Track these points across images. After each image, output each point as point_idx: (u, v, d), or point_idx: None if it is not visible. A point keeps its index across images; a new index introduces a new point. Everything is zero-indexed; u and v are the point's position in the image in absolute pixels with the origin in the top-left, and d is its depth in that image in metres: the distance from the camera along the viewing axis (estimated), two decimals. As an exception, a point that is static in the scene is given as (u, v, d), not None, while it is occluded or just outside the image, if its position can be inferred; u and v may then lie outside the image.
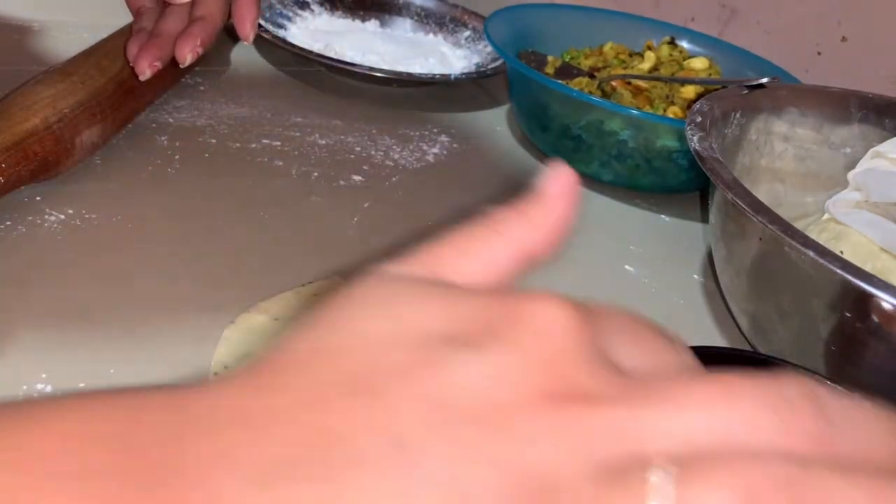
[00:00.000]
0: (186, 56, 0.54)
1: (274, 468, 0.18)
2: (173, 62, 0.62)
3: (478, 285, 0.23)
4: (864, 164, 0.56)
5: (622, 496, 0.17)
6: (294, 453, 0.18)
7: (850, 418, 0.19)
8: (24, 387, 0.38)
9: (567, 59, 0.74)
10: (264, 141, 0.62)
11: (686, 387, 0.19)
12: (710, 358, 0.37)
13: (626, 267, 0.57)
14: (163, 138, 0.59)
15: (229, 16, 0.57)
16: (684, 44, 0.77)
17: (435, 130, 0.70)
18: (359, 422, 0.18)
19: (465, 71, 0.79)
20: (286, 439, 0.18)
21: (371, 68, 0.72)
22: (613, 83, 0.68)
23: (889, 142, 0.56)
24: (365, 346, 0.20)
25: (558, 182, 0.24)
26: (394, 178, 0.62)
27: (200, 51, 0.54)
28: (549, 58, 0.74)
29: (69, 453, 0.18)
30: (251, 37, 0.55)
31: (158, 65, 0.54)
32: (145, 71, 0.54)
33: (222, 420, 0.19)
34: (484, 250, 0.23)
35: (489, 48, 0.80)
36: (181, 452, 0.18)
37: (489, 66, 0.78)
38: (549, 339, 0.20)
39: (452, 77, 0.74)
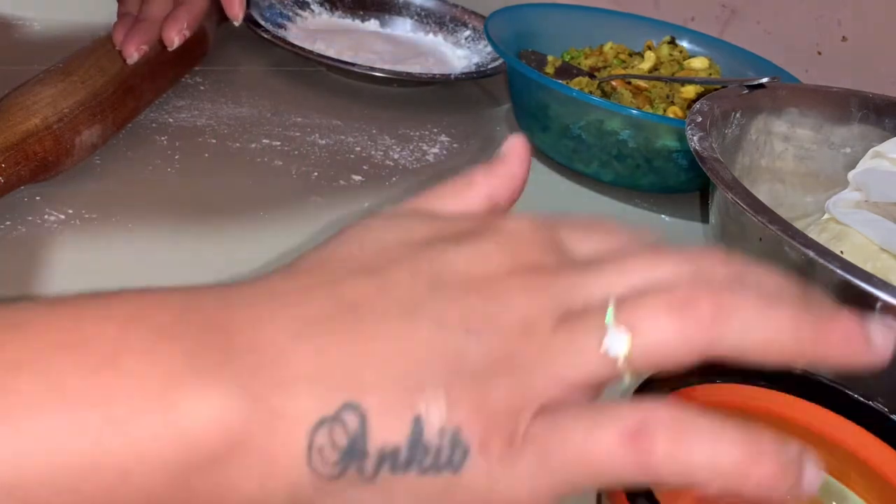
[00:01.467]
0: (174, 39, 0.55)
1: (305, 326, 0.23)
2: (169, 61, 0.62)
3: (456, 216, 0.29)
4: (864, 163, 0.56)
5: (579, 329, 0.23)
6: (322, 314, 0.23)
7: (754, 270, 0.25)
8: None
9: (567, 59, 0.74)
10: (264, 141, 0.62)
11: (624, 258, 0.25)
12: (712, 362, 0.37)
13: (627, 267, 0.57)
14: (163, 138, 0.59)
15: None
16: (684, 43, 0.77)
17: (435, 130, 0.70)
18: (369, 291, 0.24)
19: (465, 71, 0.79)
20: (313, 307, 0.23)
21: (371, 68, 0.72)
22: (613, 83, 0.68)
23: (889, 142, 0.56)
24: (371, 249, 0.26)
25: (514, 146, 0.30)
26: (394, 178, 0.62)
27: (187, 33, 0.56)
28: (549, 58, 0.74)
29: (144, 315, 0.23)
30: (240, 16, 0.55)
31: (145, 48, 0.55)
32: (132, 55, 0.55)
33: (261, 295, 0.24)
34: (459, 196, 0.29)
35: (489, 48, 0.80)
36: (230, 317, 0.23)
37: (489, 66, 0.78)
38: (516, 236, 0.26)
39: (452, 77, 0.74)
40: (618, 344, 0.23)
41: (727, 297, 0.23)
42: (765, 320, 0.23)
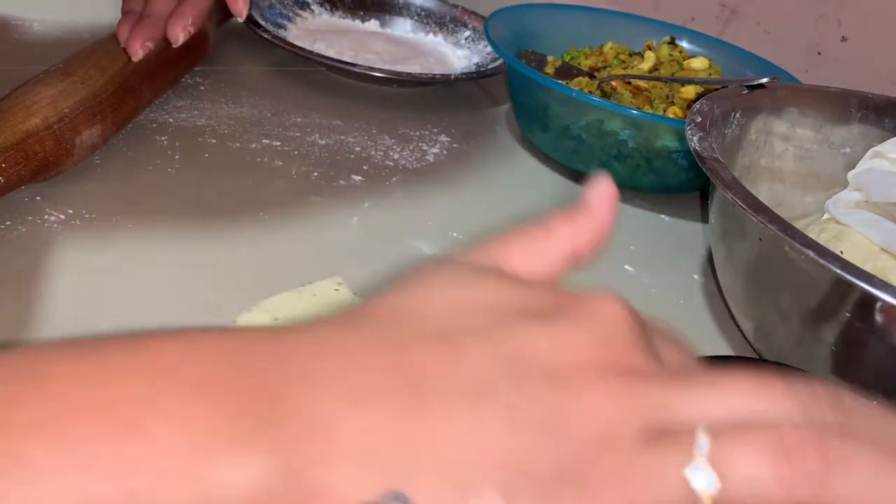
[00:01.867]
0: (178, 35, 0.55)
1: (363, 392, 0.20)
2: (169, 61, 0.62)
3: (534, 277, 0.26)
4: (864, 163, 0.56)
5: (666, 453, 0.20)
6: (382, 381, 0.21)
7: (867, 414, 0.22)
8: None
9: (567, 59, 0.74)
10: (264, 141, 0.62)
11: (722, 377, 0.22)
12: (716, 364, 0.38)
13: (626, 267, 0.57)
14: (163, 138, 0.59)
15: None
16: (684, 44, 0.77)
17: (435, 130, 0.70)
18: (442, 365, 0.21)
19: (465, 71, 0.79)
20: (375, 370, 0.21)
21: (371, 68, 0.72)
22: (613, 83, 0.68)
23: (889, 142, 0.56)
24: (446, 309, 0.23)
25: (600, 192, 0.28)
26: (394, 178, 0.62)
27: (192, 29, 0.56)
28: (549, 58, 0.74)
29: (188, 368, 0.20)
30: (245, 12, 0.56)
31: (150, 45, 0.56)
32: (137, 52, 0.56)
33: (317, 348, 0.22)
34: (538, 248, 0.26)
35: (489, 48, 0.80)
36: (278, 373, 0.21)
37: (489, 66, 0.78)
38: (610, 325, 0.23)
39: (452, 77, 0.74)
40: (705, 481, 0.20)
41: (839, 448, 0.20)
42: (879, 483, 0.20)
